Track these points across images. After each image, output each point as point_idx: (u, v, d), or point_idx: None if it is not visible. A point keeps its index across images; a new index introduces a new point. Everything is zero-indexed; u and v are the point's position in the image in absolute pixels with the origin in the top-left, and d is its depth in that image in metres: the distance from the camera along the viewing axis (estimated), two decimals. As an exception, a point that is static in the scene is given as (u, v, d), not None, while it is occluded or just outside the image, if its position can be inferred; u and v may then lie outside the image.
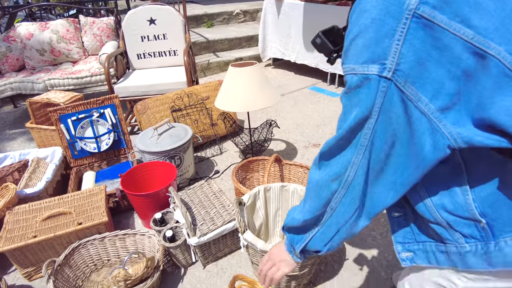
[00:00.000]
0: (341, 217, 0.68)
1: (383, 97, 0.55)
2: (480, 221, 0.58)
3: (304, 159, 2.38)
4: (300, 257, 0.80)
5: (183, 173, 2.09)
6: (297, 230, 0.77)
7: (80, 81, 2.93)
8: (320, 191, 0.68)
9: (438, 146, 0.53)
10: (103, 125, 2.14)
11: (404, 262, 0.73)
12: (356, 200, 0.65)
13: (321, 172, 0.68)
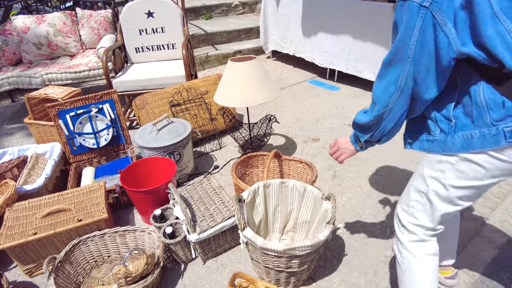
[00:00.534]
0: (397, 114, 0.91)
1: (422, 21, 0.78)
2: (451, 121, 0.87)
3: (303, 153, 2.38)
4: (363, 146, 1.07)
5: (182, 168, 2.09)
6: (363, 127, 1.01)
7: (78, 75, 2.90)
8: (381, 96, 0.91)
9: (450, 58, 0.79)
10: (102, 121, 2.13)
11: (406, 146, 1.04)
12: (407, 101, 0.89)
13: (382, 81, 0.91)
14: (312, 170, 1.80)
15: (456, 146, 0.87)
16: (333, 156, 1.19)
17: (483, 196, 1.89)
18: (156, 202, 1.74)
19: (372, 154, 2.31)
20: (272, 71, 4.01)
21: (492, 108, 0.79)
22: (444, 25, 0.76)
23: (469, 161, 0.86)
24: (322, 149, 2.42)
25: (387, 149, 2.35)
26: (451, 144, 0.88)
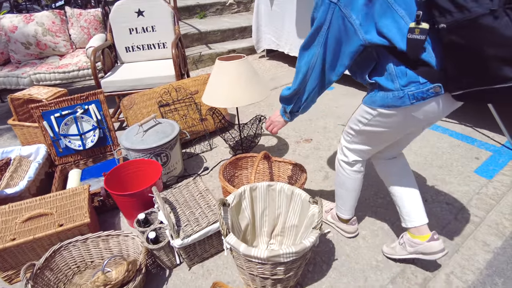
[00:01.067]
0: (310, 87, 1.19)
1: (332, 13, 1.02)
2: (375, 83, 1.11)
3: (295, 154, 2.33)
4: (289, 117, 1.36)
5: (170, 170, 2.04)
6: (287, 99, 1.29)
7: (67, 75, 2.85)
8: (299, 71, 1.17)
9: (357, 43, 1.03)
10: (88, 122, 2.08)
11: None
12: (318, 77, 1.16)
13: (300, 61, 1.16)
14: (302, 172, 1.75)
15: (377, 102, 1.12)
16: (268, 129, 1.48)
17: (478, 198, 1.85)
18: (141, 206, 1.69)
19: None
20: (267, 70, 3.96)
21: (400, 76, 1.02)
22: (350, 17, 0.99)
23: (384, 115, 1.12)
24: (314, 150, 2.38)
25: (380, 149, 2.30)
26: (374, 100, 1.13)
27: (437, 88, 0.98)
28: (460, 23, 0.83)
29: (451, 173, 2.07)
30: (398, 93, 1.03)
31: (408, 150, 2.29)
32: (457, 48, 0.88)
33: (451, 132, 2.49)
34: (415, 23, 0.91)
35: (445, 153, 2.26)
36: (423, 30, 0.90)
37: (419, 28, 0.90)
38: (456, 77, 0.93)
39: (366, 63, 1.11)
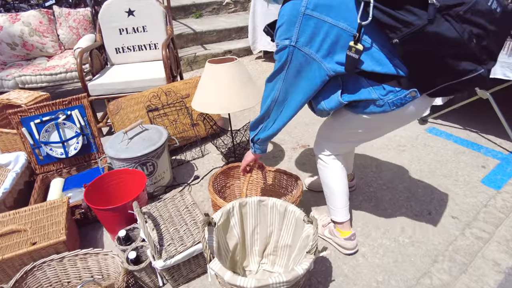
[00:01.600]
0: (272, 117, 1.26)
1: (292, 54, 1.10)
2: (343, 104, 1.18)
3: (291, 161, 2.21)
4: (254, 148, 1.42)
5: (157, 180, 1.92)
6: (251, 126, 1.36)
7: (54, 77, 2.73)
8: (264, 102, 1.25)
9: (322, 74, 1.11)
10: (71, 128, 1.95)
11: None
12: (280, 107, 1.23)
13: (265, 92, 1.24)
14: (298, 184, 1.63)
15: (359, 109, 1.20)
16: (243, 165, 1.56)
17: (486, 211, 1.72)
18: (124, 220, 1.57)
19: (369, 168, 2.14)
20: (263, 71, 3.83)
21: (376, 88, 1.10)
22: (310, 54, 1.08)
23: (368, 119, 1.21)
24: (311, 156, 2.25)
25: (384, 166, 2.19)
26: (356, 107, 1.21)
27: (413, 93, 1.07)
28: (410, 35, 0.93)
29: (456, 183, 1.94)
30: (378, 102, 1.11)
31: (411, 158, 2.17)
32: (416, 56, 0.99)
33: (456, 138, 2.37)
34: (353, 43, 1.01)
35: (450, 161, 2.14)
36: (358, 50, 1.01)
37: (355, 48, 1.01)
38: (425, 79, 1.05)
39: (334, 87, 1.17)
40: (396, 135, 2.41)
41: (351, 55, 1.02)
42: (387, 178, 2.01)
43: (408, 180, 1.98)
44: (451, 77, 1.00)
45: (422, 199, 1.83)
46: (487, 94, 2.17)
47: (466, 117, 2.57)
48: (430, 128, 2.51)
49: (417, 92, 1.07)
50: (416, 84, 1.07)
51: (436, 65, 0.99)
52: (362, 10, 0.97)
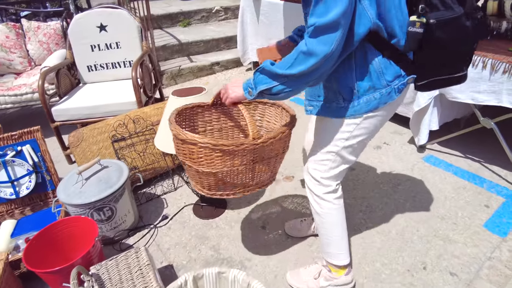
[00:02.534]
0: (315, 75, 0.94)
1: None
2: (354, 89, 1.04)
3: (271, 197, 1.99)
4: (254, 95, 1.03)
5: (118, 224, 1.70)
6: (273, 75, 0.98)
7: (19, 98, 2.52)
8: (313, 54, 0.89)
9: (367, 25, 0.94)
10: (21, 166, 1.74)
11: (307, 112, 1.20)
12: (330, 67, 0.95)
13: (319, 43, 0.88)
14: (288, 112, 1.37)
15: (362, 109, 1.05)
16: (222, 98, 1.17)
17: (490, 265, 1.50)
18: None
19: (351, 196, 1.92)
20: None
21: (385, 72, 1.00)
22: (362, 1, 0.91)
23: (370, 118, 1.08)
24: (295, 190, 2.03)
25: (375, 206, 1.96)
26: (358, 108, 1.05)
27: (411, 79, 1.03)
28: (447, 20, 0.91)
29: (456, 227, 1.72)
30: (386, 90, 1.02)
31: (406, 195, 1.94)
32: (437, 42, 0.94)
33: (456, 169, 2.14)
34: (417, 16, 0.91)
35: (449, 198, 1.91)
36: (422, 23, 0.91)
37: (419, 22, 0.91)
38: (426, 68, 1.01)
39: (347, 66, 1.02)
40: (392, 167, 2.19)
41: (414, 31, 0.92)
42: (378, 220, 1.78)
43: (402, 224, 1.75)
44: (447, 71, 1.03)
45: (417, 248, 1.61)
46: (491, 124, 1.94)
47: (468, 144, 2.34)
48: (428, 156, 2.28)
49: (413, 80, 1.04)
50: (416, 72, 1.03)
51: (443, 57, 0.99)
52: None
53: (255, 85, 1.01)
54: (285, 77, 0.96)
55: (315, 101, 1.15)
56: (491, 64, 1.79)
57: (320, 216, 1.28)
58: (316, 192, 1.24)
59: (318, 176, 1.22)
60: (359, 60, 0.99)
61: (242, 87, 1.06)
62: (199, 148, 1.11)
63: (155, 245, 1.72)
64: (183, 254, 1.66)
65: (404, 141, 2.45)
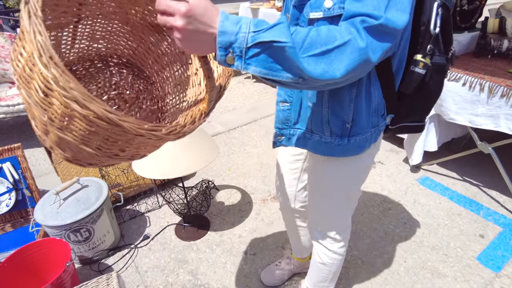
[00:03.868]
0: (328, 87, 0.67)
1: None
2: (347, 123, 0.85)
3: (258, 219, 1.93)
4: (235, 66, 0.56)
5: (96, 245, 1.67)
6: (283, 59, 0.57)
7: (11, 109, 2.52)
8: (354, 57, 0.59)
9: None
10: (1, 183, 1.73)
11: (275, 144, 1.00)
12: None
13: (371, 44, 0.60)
14: None
15: (351, 151, 0.89)
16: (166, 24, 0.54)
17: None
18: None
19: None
20: (249, 96, 3.56)
21: (379, 110, 0.86)
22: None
23: (361, 158, 0.93)
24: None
25: (363, 232, 1.89)
26: (347, 149, 0.88)
27: (389, 119, 0.92)
28: (440, 66, 0.84)
29: (446, 259, 1.63)
30: (375, 130, 0.89)
31: (396, 221, 1.86)
32: (427, 88, 0.86)
33: (452, 193, 2.04)
34: (422, 56, 0.80)
35: (442, 225, 1.82)
36: (426, 65, 0.81)
37: (424, 63, 0.80)
38: (405, 112, 0.91)
39: (347, 91, 0.81)
40: (384, 189, 2.10)
41: (416, 71, 0.81)
42: (364, 248, 1.71)
43: (390, 253, 1.67)
44: (417, 118, 0.95)
45: (403, 281, 1.53)
46: (489, 149, 1.85)
47: (466, 165, 2.24)
48: (424, 177, 2.19)
49: (390, 121, 0.93)
50: (394, 112, 0.91)
51: (421, 104, 0.91)
52: (435, 16, 0.77)
53: (248, 58, 0.56)
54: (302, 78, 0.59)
55: (289, 129, 0.96)
56: (488, 87, 1.70)
57: (325, 265, 1.20)
58: (330, 248, 1.14)
59: (333, 234, 1.11)
60: (363, 91, 0.81)
61: (216, 39, 0.54)
62: None
63: (134, 266, 1.69)
64: (161, 278, 1.62)
65: (400, 161, 2.37)
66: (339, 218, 1.08)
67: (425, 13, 0.77)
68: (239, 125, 2.94)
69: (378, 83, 0.81)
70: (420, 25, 0.78)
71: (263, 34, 0.54)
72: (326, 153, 0.91)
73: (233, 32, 0.54)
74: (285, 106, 0.94)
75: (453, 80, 1.81)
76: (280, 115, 0.96)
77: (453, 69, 1.83)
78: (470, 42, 2.13)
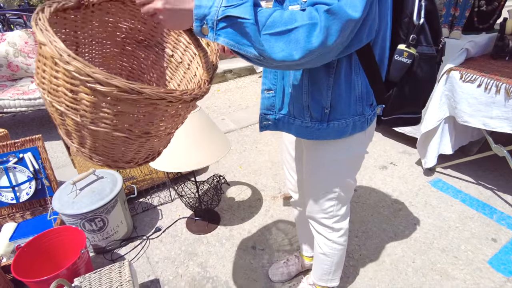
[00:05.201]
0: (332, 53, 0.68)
1: None
2: (326, 109, 0.88)
3: (267, 216, 1.95)
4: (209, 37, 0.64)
5: (110, 234, 1.73)
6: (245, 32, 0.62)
7: (33, 102, 2.62)
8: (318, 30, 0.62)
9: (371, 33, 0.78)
10: (22, 173, 1.80)
11: (262, 128, 1.01)
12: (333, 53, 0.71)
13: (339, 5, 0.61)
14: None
15: (331, 135, 0.91)
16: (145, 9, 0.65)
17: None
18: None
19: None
20: (263, 94, 3.58)
21: (364, 98, 0.87)
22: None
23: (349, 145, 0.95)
24: (292, 211, 1.98)
25: (372, 232, 1.89)
26: (326, 133, 0.91)
27: (379, 109, 0.94)
28: (428, 57, 0.86)
29: (456, 261, 1.62)
30: (359, 119, 0.90)
31: (406, 222, 1.85)
32: (415, 78, 0.89)
33: (465, 196, 2.02)
34: (406, 46, 0.84)
35: (453, 228, 1.80)
36: (411, 54, 0.84)
37: (408, 52, 0.84)
38: (396, 103, 0.93)
39: (324, 77, 0.84)
40: (395, 190, 2.09)
41: (401, 61, 0.85)
42: (373, 248, 1.71)
43: (398, 253, 1.67)
44: (411, 110, 0.98)
45: (410, 282, 1.53)
46: (504, 152, 1.82)
47: (481, 168, 2.21)
48: (436, 180, 2.17)
49: (381, 110, 0.95)
50: (385, 104, 0.94)
51: (412, 95, 0.92)
52: (418, 7, 0.82)
53: (218, 30, 0.63)
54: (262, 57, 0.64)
55: (274, 115, 0.97)
56: (505, 88, 1.68)
57: (326, 256, 1.22)
58: (329, 237, 1.17)
59: (329, 222, 1.13)
60: (342, 77, 0.82)
61: (192, 12, 0.63)
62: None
63: (145, 257, 1.73)
64: (171, 269, 1.66)
65: (412, 162, 2.35)
66: (334, 206, 1.09)
67: (408, 6, 0.83)
68: (251, 123, 2.97)
69: (362, 72, 0.84)
70: (403, 17, 0.83)
71: (231, 10, 0.61)
72: (308, 136, 0.94)
73: (207, 6, 0.62)
74: (270, 93, 0.97)
75: (468, 82, 1.79)
76: (266, 102, 0.98)
77: (468, 70, 1.81)
78: (488, 43, 2.09)
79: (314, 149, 0.99)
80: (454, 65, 1.89)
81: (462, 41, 2.02)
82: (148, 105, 0.60)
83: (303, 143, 1.04)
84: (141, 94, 0.56)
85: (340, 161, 0.98)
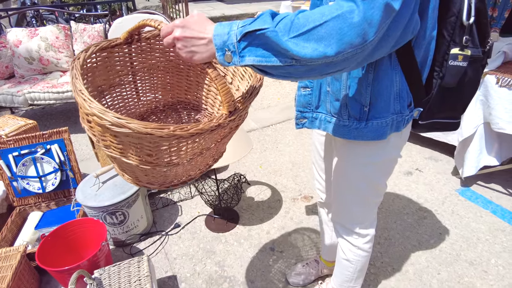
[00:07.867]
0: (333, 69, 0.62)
1: None
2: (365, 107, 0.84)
3: (287, 218, 1.92)
4: (234, 63, 0.60)
5: (130, 228, 1.74)
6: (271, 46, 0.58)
7: (61, 95, 2.69)
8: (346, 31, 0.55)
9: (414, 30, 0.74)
10: (49, 163, 1.85)
11: (298, 125, 1.01)
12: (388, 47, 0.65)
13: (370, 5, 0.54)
14: None
15: (369, 135, 0.87)
16: (163, 38, 0.64)
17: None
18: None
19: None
20: (285, 95, 3.54)
21: (402, 97, 0.83)
22: None
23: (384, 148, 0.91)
24: (312, 213, 1.94)
25: (395, 239, 1.82)
26: (364, 133, 0.87)
27: (417, 112, 0.90)
28: (476, 59, 0.82)
29: (485, 276, 1.53)
30: (396, 117, 0.85)
31: (431, 230, 1.78)
32: (462, 80, 0.84)
33: (496, 207, 1.91)
34: (459, 49, 0.79)
35: (482, 240, 1.72)
36: (466, 57, 0.80)
37: (463, 55, 0.79)
38: (436, 107, 0.88)
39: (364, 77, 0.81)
40: (420, 197, 2.02)
41: (456, 65, 0.80)
42: (396, 256, 1.65)
43: (422, 264, 1.60)
44: (450, 115, 0.93)
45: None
46: (541, 162, 1.71)
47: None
48: (464, 188, 2.07)
49: (418, 114, 0.90)
50: (424, 107, 0.89)
51: (454, 98, 0.88)
52: (468, 5, 0.76)
53: (241, 51, 0.60)
54: (294, 59, 0.58)
55: (311, 113, 0.98)
56: (545, 95, 1.58)
57: (349, 262, 1.18)
58: (354, 243, 1.13)
59: (356, 228, 1.10)
60: (381, 74, 0.79)
61: (213, 43, 0.61)
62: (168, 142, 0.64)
63: (164, 253, 1.74)
64: (189, 266, 1.66)
65: (439, 169, 2.25)
66: (362, 211, 1.06)
67: (455, 3, 0.76)
68: (273, 123, 2.94)
69: (400, 70, 0.80)
70: (449, 15, 0.77)
71: (248, 26, 0.58)
72: (345, 135, 0.90)
73: (224, 32, 0.60)
74: (306, 91, 0.96)
75: (505, 86, 1.70)
76: (302, 99, 0.97)
77: (506, 74, 1.71)
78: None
79: (346, 149, 0.95)
80: (490, 68, 1.80)
81: (500, 43, 1.92)
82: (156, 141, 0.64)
83: (334, 144, 1.01)
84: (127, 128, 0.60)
85: (373, 164, 0.94)
